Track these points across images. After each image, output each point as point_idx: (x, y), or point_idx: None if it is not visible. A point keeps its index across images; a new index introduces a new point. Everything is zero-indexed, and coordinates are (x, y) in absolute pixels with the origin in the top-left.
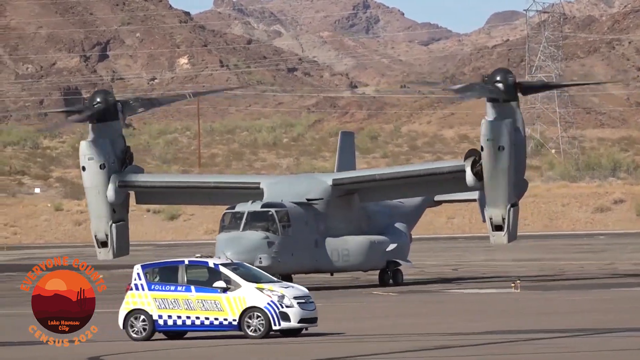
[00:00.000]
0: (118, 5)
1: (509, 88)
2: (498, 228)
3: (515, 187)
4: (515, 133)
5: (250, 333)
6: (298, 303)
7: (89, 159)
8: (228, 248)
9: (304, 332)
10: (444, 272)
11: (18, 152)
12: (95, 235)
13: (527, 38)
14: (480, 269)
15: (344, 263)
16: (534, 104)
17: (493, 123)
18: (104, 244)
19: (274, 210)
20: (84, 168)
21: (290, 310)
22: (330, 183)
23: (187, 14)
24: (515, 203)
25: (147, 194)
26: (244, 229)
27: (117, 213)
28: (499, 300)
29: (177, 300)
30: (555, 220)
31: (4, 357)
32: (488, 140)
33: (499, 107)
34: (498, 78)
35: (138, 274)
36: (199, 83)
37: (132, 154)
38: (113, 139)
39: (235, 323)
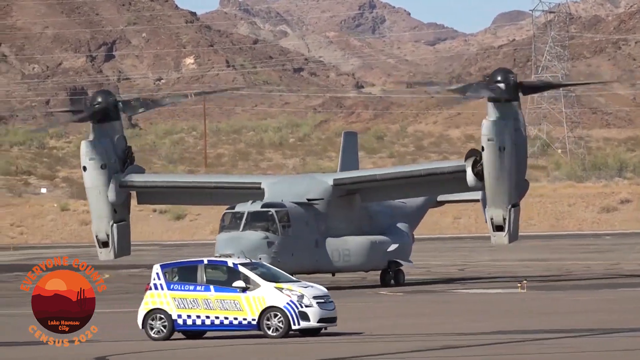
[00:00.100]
0: (124, 6)
1: (510, 88)
2: (499, 228)
3: (516, 187)
4: (516, 133)
5: (270, 333)
6: (317, 303)
7: (90, 159)
8: (228, 248)
9: (323, 331)
10: (450, 272)
11: (24, 152)
12: (97, 236)
13: (533, 38)
14: (487, 269)
15: (345, 263)
16: (540, 104)
17: (494, 123)
18: (105, 244)
19: (274, 210)
20: (85, 168)
21: (310, 310)
22: (331, 183)
23: (193, 14)
24: (517, 203)
25: (148, 194)
26: (244, 229)
27: (118, 213)
28: (506, 301)
29: (196, 300)
30: (562, 220)
31: (4, 357)
32: (489, 141)
33: (500, 107)
34: (499, 78)
35: (157, 274)
36: (205, 83)
37: (133, 154)
38: (114, 139)
39: (255, 323)
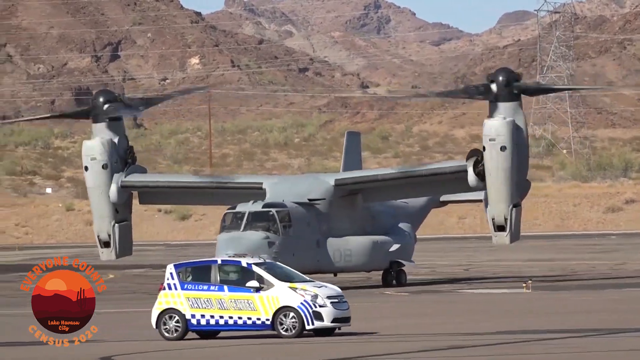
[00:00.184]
0: (129, 6)
1: (512, 88)
2: (500, 228)
3: (518, 187)
4: (518, 133)
5: (284, 332)
6: (331, 302)
7: (92, 159)
8: (228, 248)
9: (337, 331)
10: (455, 272)
11: (29, 152)
12: (98, 236)
13: (538, 38)
14: (491, 269)
15: (346, 263)
16: (546, 104)
17: (495, 123)
18: (107, 244)
19: (275, 211)
20: (87, 168)
21: (324, 310)
22: (333, 183)
23: (198, 14)
24: (518, 203)
25: (150, 194)
26: (245, 229)
27: (119, 213)
28: (510, 301)
29: (210, 300)
30: (567, 220)
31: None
32: (490, 140)
33: (502, 107)
34: (500, 78)
35: (171, 274)
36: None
37: (135, 154)
38: (116, 139)
39: (269, 322)
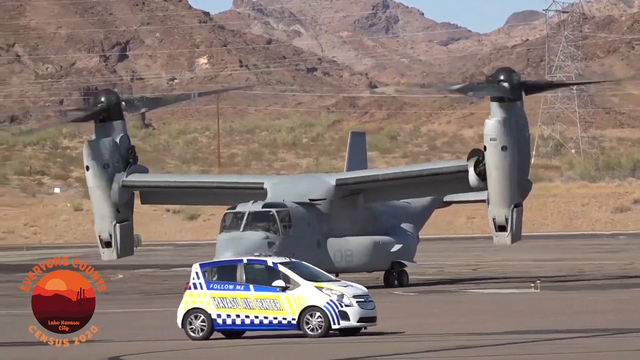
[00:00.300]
0: (137, 5)
1: (513, 87)
2: (501, 228)
3: (519, 187)
4: (519, 133)
5: (310, 332)
6: (357, 302)
7: (93, 159)
8: (228, 248)
9: (363, 331)
10: (463, 272)
11: (38, 152)
12: (99, 236)
13: (546, 38)
14: (500, 269)
15: (347, 264)
16: (554, 104)
17: (497, 122)
18: (108, 244)
19: (275, 211)
20: (88, 168)
21: (350, 309)
22: (334, 183)
23: (206, 14)
24: (519, 203)
25: (151, 194)
26: (245, 229)
27: (121, 213)
28: (519, 301)
29: (235, 299)
30: (575, 220)
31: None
32: (491, 140)
33: (503, 106)
34: (502, 77)
35: (197, 273)
36: (219, 83)
37: (136, 154)
38: (117, 139)
39: (295, 322)
